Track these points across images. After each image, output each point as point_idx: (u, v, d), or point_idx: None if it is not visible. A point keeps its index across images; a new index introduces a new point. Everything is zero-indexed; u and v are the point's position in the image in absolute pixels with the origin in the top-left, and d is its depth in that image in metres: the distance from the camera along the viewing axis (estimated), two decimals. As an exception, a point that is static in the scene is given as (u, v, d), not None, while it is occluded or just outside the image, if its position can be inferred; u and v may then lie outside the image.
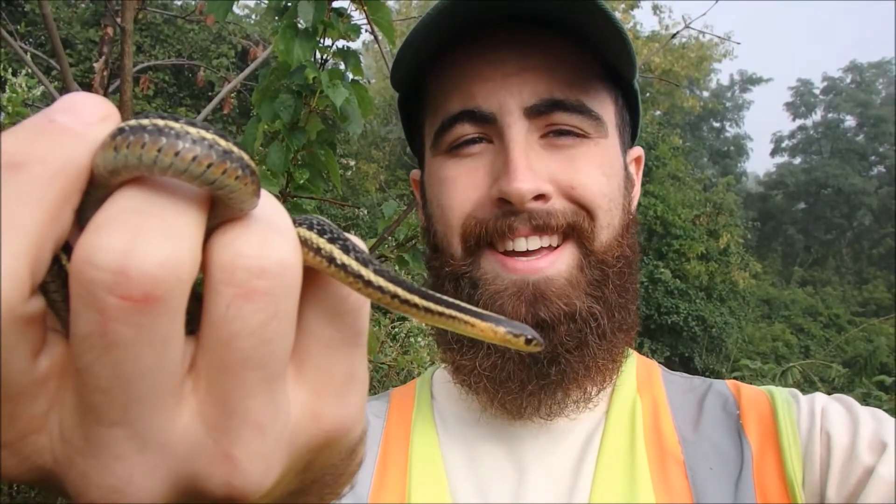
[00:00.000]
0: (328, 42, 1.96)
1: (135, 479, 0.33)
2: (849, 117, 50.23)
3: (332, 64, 2.01)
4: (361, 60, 2.03)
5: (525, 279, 0.94)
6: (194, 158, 0.31)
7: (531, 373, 0.95)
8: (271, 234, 0.34)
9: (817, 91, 52.03)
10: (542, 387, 0.95)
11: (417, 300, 0.43)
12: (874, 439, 0.86)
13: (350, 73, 2.01)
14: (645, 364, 1.10)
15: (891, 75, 49.12)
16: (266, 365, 0.34)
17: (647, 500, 0.88)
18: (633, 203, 1.09)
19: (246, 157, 0.33)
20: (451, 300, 0.46)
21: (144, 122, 0.31)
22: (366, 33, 2.10)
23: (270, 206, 0.36)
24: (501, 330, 0.48)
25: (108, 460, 0.32)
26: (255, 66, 3.43)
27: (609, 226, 0.99)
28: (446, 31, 0.96)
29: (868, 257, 43.54)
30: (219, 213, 0.34)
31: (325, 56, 1.97)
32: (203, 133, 0.31)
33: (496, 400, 0.98)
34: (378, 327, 6.13)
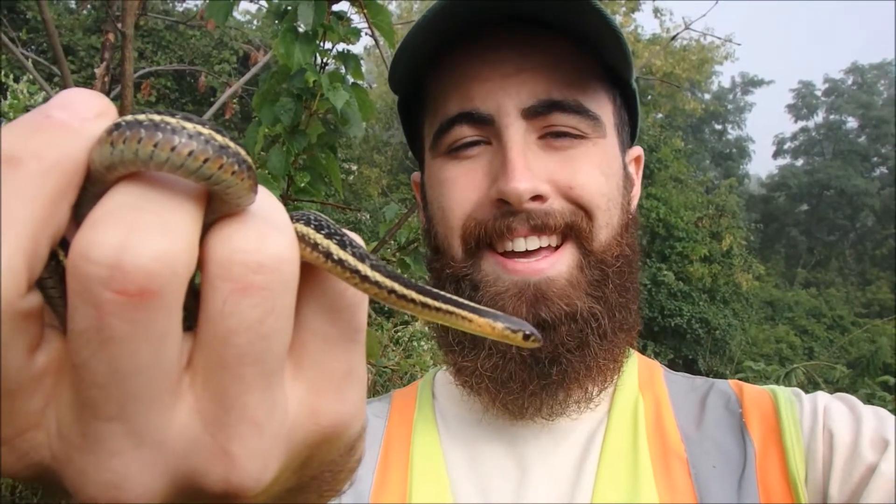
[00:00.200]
0: (328, 45, 1.96)
1: (132, 474, 0.33)
2: (850, 119, 50.18)
3: (332, 67, 2.02)
4: (362, 65, 2.04)
5: (526, 280, 0.94)
6: (190, 153, 0.31)
7: (532, 373, 0.95)
8: (268, 230, 0.34)
9: (819, 93, 52.01)
10: (544, 387, 0.95)
11: (415, 295, 0.43)
12: (876, 437, 0.86)
13: (350, 76, 2.01)
14: (647, 364, 1.10)
15: (892, 76, 49.06)
16: (263, 361, 0.34)
17: (650, 498, 0.88)
18: (633, 203, 1.09)
19: (243, 152, 0.33)
20: (449, 296, 0.46)
21: (141, 117, 0.31)
22: (366, 37, 2.11)
23: (267, 201, 0.36)
24: (499, 325, 0.48)
25: (105, 456, 0.32)
26: (256, 70, 3.44)
27: (608, 225, 0.99)
28: (445, 31, 0.97)
29: (871, 258, 43.44)
30: (216, 209, 0.34)
31: (325, 59, 1.98)
32: (200, 128, 0.31)
33: (498, 400, 0.98)
34: (381, 331, 6.11)
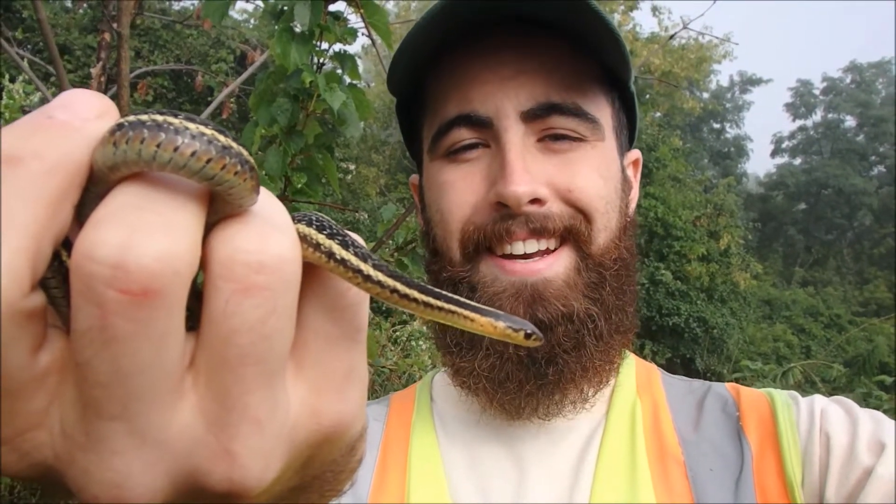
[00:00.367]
0: (325, 46, 1.96)
1: (134, 474, 0.33)
2: (849, 117, 50.16)
3: (329, 67, 2.01)
4: (360, 64, 2.03)
5: (523, 281, 0.95)
6: (193, 154, 0.31)
7: (529, 373, 0.95)
8: (270, 230, 0.35)
9: (817, 91, 51.99)
10: (540, 387, 0.95)
11: (417, 294, 0.43)
12: (873, 440, 0.86)
13: (347, 76, 2.01)
14: (644, 367, 1.10)
15: (891, 75, 49.09)
16: (265, 360, 0.34)
17: (647, 500, 0.88)
18: (631, 206, 1.09)
19: (245, 152, 0.33)
20: (451, 295, 0.46)
21: (143, 117, 0.31)
22: (363, 37, 2.10)
23: (270, 202, 0.37)
24: (501, 324, 0.48)
25: (108, 455, 0.33)
26: (253, 69, 3.44)
27: (606, 229, 0.99)
28: (446, 31, 0.96)
29: (869, 257, 43.48)
30: (218, 209, 0.34)
31: (321, 60, 1.97)
32: (202, 128, 0.31)
33: (495, 400, 0.98)
34: (379, 331, 6.11)
